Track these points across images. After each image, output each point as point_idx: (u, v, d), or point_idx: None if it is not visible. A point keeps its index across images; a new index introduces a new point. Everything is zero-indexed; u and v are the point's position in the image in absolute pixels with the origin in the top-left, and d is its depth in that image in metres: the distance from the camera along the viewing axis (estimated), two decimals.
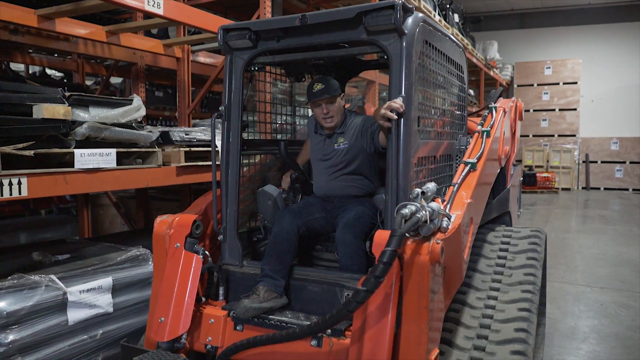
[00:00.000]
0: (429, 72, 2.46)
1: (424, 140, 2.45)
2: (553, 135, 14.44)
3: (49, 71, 9.05)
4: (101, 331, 3.00)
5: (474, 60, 11.29)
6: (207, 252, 2.52)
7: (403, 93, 2.19)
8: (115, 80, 9.32)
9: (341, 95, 2.76)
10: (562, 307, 4.57)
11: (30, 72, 9.86)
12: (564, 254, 6.62)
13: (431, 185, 2.00)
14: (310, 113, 3.13)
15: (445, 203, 2.26)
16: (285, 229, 2.55)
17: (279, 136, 3.47)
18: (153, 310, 2.41)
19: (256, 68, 2.73)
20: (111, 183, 3.11)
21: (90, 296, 2.93)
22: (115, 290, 3.08)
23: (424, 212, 1.84)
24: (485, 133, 2.99)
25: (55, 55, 6.20)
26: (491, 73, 13.16)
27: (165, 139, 3.59)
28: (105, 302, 3.01)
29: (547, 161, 14.21)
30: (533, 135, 14.60)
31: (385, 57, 2.27)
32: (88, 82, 10.13)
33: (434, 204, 1.95)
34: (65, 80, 8.17)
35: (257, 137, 3.19)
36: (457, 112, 3.12)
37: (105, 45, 4.77)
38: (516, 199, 4.29)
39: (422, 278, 1.85)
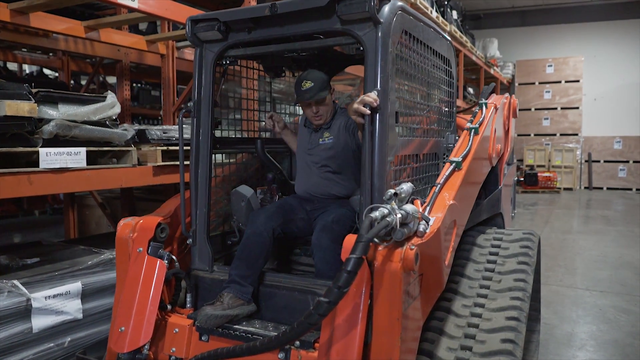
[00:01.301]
0: (409, 64, 2.30)
1: (405, 137, 2.30)
2: (555, 134, 14.24)
3: (46, 71, 8.93)
4: (69, 339, 2.86)
5: (474, 58, 11.10)
6: (173, 257, 2.37)
7: (378, 86, 2.04)
8: (112, 79, 9.18)
9: (331, 90, 2.62)
10: (559, 312, 4.40)
11: (28, 71, 9.75)
12: (564, 255, 6.45)
13: (406, 186, 1.85)
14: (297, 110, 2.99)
15: (424, 205, 2.11)
16: (258, 231, 2.40)
17: (265, 134, 3.32)
18: (114, 319, 2.27)
19: (228, 62, 2.58)
20: (81, 184, 2.96)
21: (57, 302, 2.79)
22: (86, 295, 2.94)
23: (394, 215, 1.68)
24: (473, 130, 2.83)
25: (50, 55, 6.08)
26: (491, 71, 12.97)
27: (142, 138, 3.45)
28: (73, 308, 2.87)
29: (549, 160, 14.00)
30: (534, 135, 14.41)
31: (361, 48, 2.12)
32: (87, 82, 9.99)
33: (408, 206, 1.79)
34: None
35: (236, 135, 3.04)
36: (445, 109, 2.96)
37: (88, 42, 4.62)
38: (510, 200, 4.12)
39: (393, 287, 1.70)
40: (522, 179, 13.08)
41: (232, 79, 2.90)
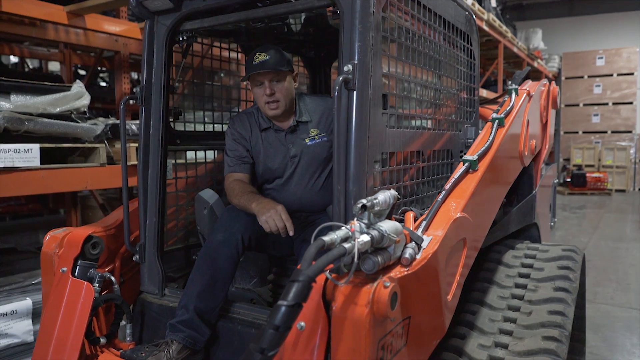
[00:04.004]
0: (404, 33, 1.76)
1: (399, 129, 1.76)
2: (606, 132, 13.13)
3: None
4: None
5: (515, 50, 10.25)
6: (112, 278, 1.92)
7: (356, 59, 1.51)
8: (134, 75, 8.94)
9: (293, 73, 2.09)
10: (610, 339, 3.71)
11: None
12: (615, 268, 5.67)
13: (382, 197, 1.31)
14: None
15: (420, 219, 1.57)
16: (233, 239, 1.87)
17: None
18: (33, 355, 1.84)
19: (185, 37, 2.11)
20: (33, 186, 2.57)
21: (0, 324, 2.41)
22: (38, 314, 2.55)
23: (354, 239, 1.15)
24: (497, 121, 2.25)
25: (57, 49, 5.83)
26: (535, 64, 12.01)
27: (115, 133, 3.05)
28: (22, 330, 2.49)
29: (599, 160, 12.91)
30: (583, 132, 13.34)
31: (337, 11, 1.61)
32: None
33: (386, 224, 1.26)
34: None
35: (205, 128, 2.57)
36: (463, 96, 2.40)
37: (82, 32, 4.29)
38: (548, 206, 3.47)
39: (357, 342, 1.17)
40: (569, 179, 12.13)
41: (198, 63, 2.43)
